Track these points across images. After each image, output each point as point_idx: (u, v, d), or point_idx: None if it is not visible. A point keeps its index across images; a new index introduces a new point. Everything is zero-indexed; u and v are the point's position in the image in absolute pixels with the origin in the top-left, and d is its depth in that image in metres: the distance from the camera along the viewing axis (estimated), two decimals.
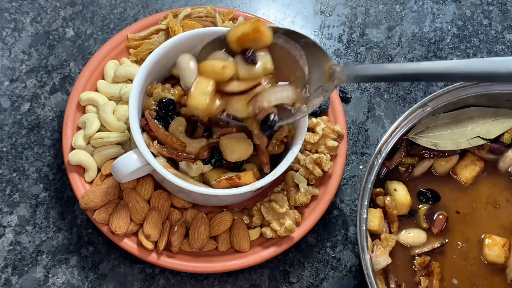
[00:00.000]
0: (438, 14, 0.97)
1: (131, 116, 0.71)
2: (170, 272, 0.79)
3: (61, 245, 0.80)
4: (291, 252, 0.82)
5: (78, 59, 0.89)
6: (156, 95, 0.74)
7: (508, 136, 0.77)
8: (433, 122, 0.76)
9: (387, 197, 0.73)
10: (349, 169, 0.87)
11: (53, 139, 0.85)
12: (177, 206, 0.79)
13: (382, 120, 0.90)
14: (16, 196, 0.82)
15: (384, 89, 0.91)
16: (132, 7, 0.93)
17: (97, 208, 0.76)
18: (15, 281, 0.78)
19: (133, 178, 0.75)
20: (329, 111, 0.84)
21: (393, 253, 0.71)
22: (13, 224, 0.80)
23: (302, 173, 0.79)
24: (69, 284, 0.78)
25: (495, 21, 0.97)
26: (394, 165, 0.75)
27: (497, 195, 0.76)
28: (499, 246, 0.72)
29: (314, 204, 0.80)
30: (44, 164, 0.83)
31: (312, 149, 0.81)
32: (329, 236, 0.83)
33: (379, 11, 0.96)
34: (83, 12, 0.92)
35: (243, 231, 0.77)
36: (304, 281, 0.81)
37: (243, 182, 0.72)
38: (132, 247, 0.76)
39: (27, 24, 0.90)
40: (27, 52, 0.89)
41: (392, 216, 0.73)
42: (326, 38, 0.94)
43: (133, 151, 0.70)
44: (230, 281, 0.80)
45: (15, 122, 0.85)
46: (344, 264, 0.82)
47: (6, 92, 0.86)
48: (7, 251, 0.79)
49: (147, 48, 0.83)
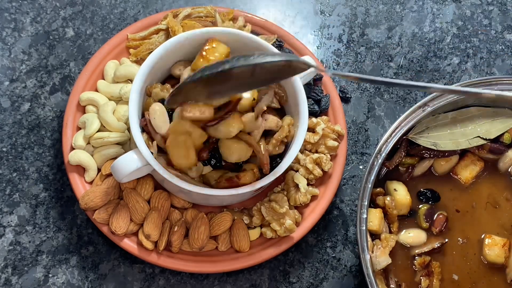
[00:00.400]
0: (438, 14, 0.97)
1: (131, 116, 0.71)
2: (170, 272, 0.79)
3: (61, 245, 0.80)
4: (291, 252, 0.82)
5: (78, 59, 0.89)
6: (154, 95, 0.74)
7: (508, 136, 0.77)
8: (433, 122, 0.76)
9: (387, 197, 0.73)
10: (349, 169, 0.87)
11: (53, 139, 0.85)
12: (177, 206, 0.79)
13: (382, 120, 0.90)
14: (16, 196, 0.82)
15: (384, 89, 0.91)
16: (132, 7, 0.93)
17: (97, 208, 0.76)
18: (15, 281, 0.78)
19: (133, 178, 0.75)
20: (329, 111, 0.84)
21: (393, 253, 0.71)
22: (13, 224, 0.80)
23: (302, 173, 0.79)
24: (69, 284, 0.78)
25: (495, 21, 0.97)
26: (394, 165, 0.75)
27: (497, 195, 0.76)
28: (499, 246, 0.72)
29: (314, 204, 0.80)
30: (44, 164, 0.83)
31: (312, 149, 0.81)
32: (329, 236, 0.83)
33: (379, 11, 0.96)
34: (83, 12, 0.92)
35: (243, 231, 0.77)
36: (304, 281, 0.81)
37: (243, 182, 0.72)
38: (132, 247, 0.76)
39: (27, 24, 0.90)
40: (27, 52, 0.89)
41: (392, 216, 0.73)
42: (326, 38, 0.94)
43: (133, 151, 0.70)
44: (230, 281, 0.80)
45: (15, 122, 0.85)
46: (344, 264, 0.82)
47: (6, 92, 0.86)
48: (7, 251, 0.79)
49: (147, 48, 0.83)
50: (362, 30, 0.95)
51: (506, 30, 0.96)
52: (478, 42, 0.95)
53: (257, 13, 0.94)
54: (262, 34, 0.86)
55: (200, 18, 0.86)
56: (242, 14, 0.87)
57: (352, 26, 0.95)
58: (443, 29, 0.96)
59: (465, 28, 0.96)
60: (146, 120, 0.72)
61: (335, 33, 0.95)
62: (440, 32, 0.96)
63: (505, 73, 0.94)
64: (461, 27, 0.96)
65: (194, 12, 0.86)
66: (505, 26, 0.96)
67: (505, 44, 0.95)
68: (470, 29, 0.96)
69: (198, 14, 0.86)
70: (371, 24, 0.95)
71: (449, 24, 0.96)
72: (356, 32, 0.95)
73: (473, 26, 0.96)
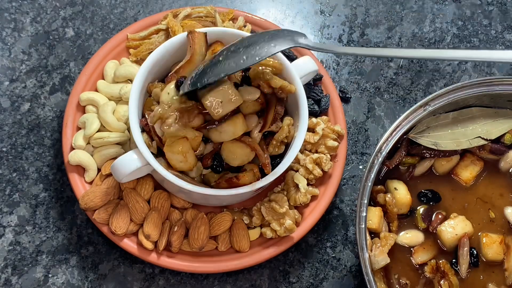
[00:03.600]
0: (438, 14, 0.97)
1: (131, 116, 0.71)
2: (170, 272, 0.79)
3: (61, 245, 0.80)
4: (291, 252, 0.82)
5: (78, 59, 0.89)
6: (154, 94, 0.74)
7: (509, 137, 0.77)
8: (434, 122, 0.76)
9: (388, 195, 0.73)
10: (349, 169, 0.87)
11: (53, 139, 0.85)
12: (177, 206, 0.78)
13: (382, 120, 0.90)
14: (16, 196, 0.82)
15: (384, 89, 0.91)
16: (132, 7, 0.93)
17: (97, 208, 0.76)
18: (15, 281, 0.78)
19: (133, 178, 0.75)
20: (329, 111, 0.84)
21: (393, 253, 0.71)
22: (13, 224, 0.80)
23: (302, 173, 0.79)
24: (69, 284, 0.78)
25: (495, 21, 0.97)
26: (394, 164, 0.75)
27: (497, 195, 0.76)
28: (496, 244, 0.72)
29: (314, 204, 0.80)
30: (44, 164, 0.83)
31: (312, 149, 0.81)
32: (329, 236, 0.83)
33: (379, 11, 0.96)
34: (83, 12, 0.92)
35: (243, 231, 0.77)
36: (304, 281, 0.81)
37: (242, 183, 0.72)
38: (132, 247, 0.76)
39: (27, 24, 0.90)
40: (27, 52, 0.89)
41: (392, 214, 0.73)
42: (326, 38, 0.94)
43: (133, 151, 0.70)
44: (230, 281, 0.80)
45: (15, 122, 0.85)
46: (344, 264, 0.82)
47: (6, 92, 0.86)
48: (7, 251, 0.79)
49: (147, 48, 0.83)
50: (362, 30, 0.95)
51: (506, 30, 0.96)
52: (478, 42, 0.95)
53: (257, 13, 0.94)
54: None
55: (200, 18, 0.86)
56: (242, 14, 0.87)
57: (352, 26, 0.95)
58: (443, 29, 0.96)
59: (465, 28, 0.96)
60: (146, 120, 0.72)
61: (335, 33, 0.95)
62: (440, 32, 0.96)
63: (505, 73, 0.94)
64: (461, 27, 0.96)
65: (194, 12, 0.86)
66: (505, 26, 0.96)
67: (505, 44, 0.95)
68: (470, 29, 0.96)
69: (198, 14, 0.86)
70: (371, 24, 0.95)
71: (449, 24, 0.96)
72: (356, 32, 0.95)
73: (473, 26, 0.96)
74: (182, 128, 0.68)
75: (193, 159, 0.71)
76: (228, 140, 0.71)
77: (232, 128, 0.70)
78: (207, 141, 0.73)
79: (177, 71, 0.73)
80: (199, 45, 0.73)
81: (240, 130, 0.70)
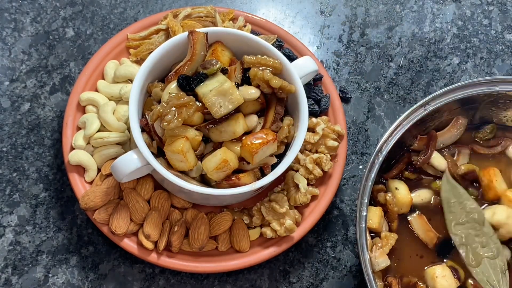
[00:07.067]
0: (438, 14, 0.97)
1: (131, 116, 0.71)
2: (170, 272, 0.79)
3: (61, 245, 0.80)
4: (291, 252, 0.82)
5: (78, 59, 0.89)
6: (154, 94, 0.74)
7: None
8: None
9: (388, 193, 0.73)
10: (349, 169, 0.87)
11: (53, 139, 0.85)
12: (177, 206, 0.79)
13: (382, 120, 0.90)
14: (16, 196, 0.82)
15: (384, 89, 0.91)
16: (132, 7, 0.93)
17: (97, 208, 0.76)
18: (15, 281, 0.78)
19: (133, 178, 0.75)
20: (329, 111, 0.84)
21: (394, 252, 0.71)
22: (13, 224, 0.80)
23: (302, 173, 0.79)
24: (69, 284, 0.78)
25: (495, 21, 0.97)
26: (392, 177, 0.75)
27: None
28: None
29: (314, 204, 0.80)
30: (44, 164, 0.83)
31: (312, 149, 0.81)
32: (329, 236, 0.83)
33: (379, 11, 0.96)
34: (83, 12, 0.92)
35: (243, 231, 0.77)
36: (304, 281, 0.81)
37: (243, 182, 0.72)
38: (132, 247, 0.76)
39: (27, 24, 0.90)
40: (27, 52, 0.89)
41: (393, 214, 0.73)
42: (326, 38, 0.94)
43: (133, 151, 0.70)
44: (230, 281, 0.80)
45: (15, 122, 0.85)
46: (344, 264, 0.82)
47: (6, 92, 0.86)
48: (7, 251, 0.79)
49: (147, 48, 0.83)
50: (362, 30, 0.95)
51: (506, 30, 0.96)
52: (478, 42, 0.95)
53: (257, 13, 0.94)
54: (262, 34, 0.86)
55: (200, 18, 0.86)
56: (242, 14, 0.87)
57: (352, 26, 0.95)
58: (443, 29, 0.96)
59: (465, 28, 0.96)
60: (146, 120, 0.72)
61: (335, 33, 0.95)
62: (440, 32, 0.96)
63: (505, 73, 0.94)
64: (461, 27, 0.96)
65: (194, 12, 0.86)
66: (505, 26, 0.96)
67: (505, 44, 0.95)
68: (470, 29, 0.96)
69: (198, 14, 0.86)
70: (371, 24, 0.95)
71: (449, 24, 0.96)
72: (356, 32, 0.95)
73: (473, 26, 0.96)
74: (182, 124, 0.69)
75: (193, 159, 0.71)
76: (228, 140, 0.71)
77: (232, 128, 0.70)
78: (207, 141, 0.73)
79: (177, 71, 0.73)
80: (200, 45, 0.73)
81: (240, 130, 0.71)
